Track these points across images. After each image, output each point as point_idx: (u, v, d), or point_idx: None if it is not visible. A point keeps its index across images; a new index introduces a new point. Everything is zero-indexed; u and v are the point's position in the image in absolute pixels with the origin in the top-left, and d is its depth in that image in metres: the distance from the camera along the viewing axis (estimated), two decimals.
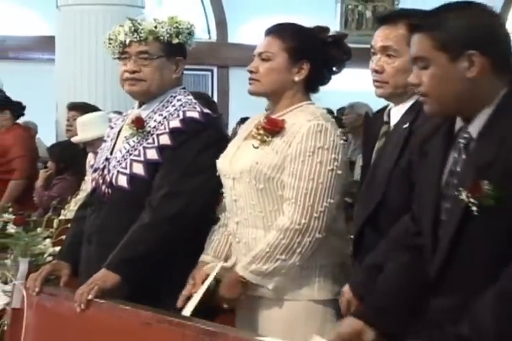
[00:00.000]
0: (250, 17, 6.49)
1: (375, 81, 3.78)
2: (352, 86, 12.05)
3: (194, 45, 4.36)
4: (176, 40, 4.24)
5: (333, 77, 3.87)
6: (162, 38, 4.23)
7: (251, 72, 3.90)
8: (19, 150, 8.21)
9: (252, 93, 4.00)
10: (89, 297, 3.92)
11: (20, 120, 8.79)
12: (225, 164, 3.92)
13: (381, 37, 3.73)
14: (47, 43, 10.24)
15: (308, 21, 4.10)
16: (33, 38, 12.17)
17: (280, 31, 3.91)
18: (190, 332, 3.51)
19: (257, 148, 3.82)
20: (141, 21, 4.28)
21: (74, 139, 7.10)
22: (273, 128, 3.78)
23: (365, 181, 3.95)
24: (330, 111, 11.24)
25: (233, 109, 11.40)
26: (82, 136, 6.84)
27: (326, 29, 3.96)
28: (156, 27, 4.24)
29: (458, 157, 3.03)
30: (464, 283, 2.97)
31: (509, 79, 2.98)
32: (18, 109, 8.37)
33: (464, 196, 2.88)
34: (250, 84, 3.97)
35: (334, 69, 3.97)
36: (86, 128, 6.80)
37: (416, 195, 3.27)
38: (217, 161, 3.95)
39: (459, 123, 3.06)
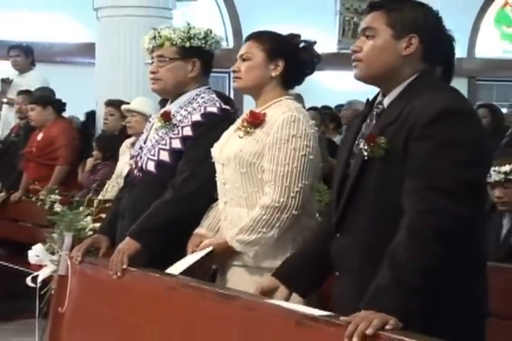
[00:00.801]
0: (262, 28, 6.47)
1: None
2: (349, 86, 12.01)
3: (216, 48, 4.36)
4: (188, 44, 4.24)
5: (336, 80, 3.84)
6: (175, 42, 4.24)
7: (234, 71, 3.92)
8: (63, 140, 8.20)
9: (236, 89, 4.05)
10: (124, 266, 3.97)
11: (65, 115, 8.77)
12: (217, 152, 3.94)
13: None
14: (88, 49, 10.22)
15: (311, 30, 4.15)
16: (76, 44, 12.17)
17: (258, 36, 3.94)
18: (209, 295, 3.53)
19: (241, 138, 3.83)
20: (160, 30, 4.32)
21: (124, 107, 7.06)
22: (254, 121, 3.80)
23: None
24: (327, 108, 11.24)
25: (246, 106, 11.39)
26: (132, 105, 6.82)
27: (298, 35, 3.96)
28: (170, 33, 4.27)
29: (369, 122, 3.15)
30: (356, 225, 3.08)
31: (424, 68, 3.10)
32: (58, 105, 8.39)
33: (361, 145, 3.02)
34: (234, 81, 4.00)
35: (307, 71, 3.96)
36: (138, 103, 6.78)
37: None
38: (212, 149, 3.97)
39: (378, 99, 3.18)
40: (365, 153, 3.00)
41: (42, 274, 4.55)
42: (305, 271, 3.35)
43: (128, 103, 7.33)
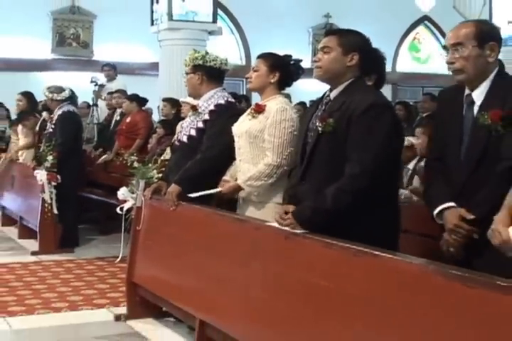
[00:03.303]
0: (263, 51, 6.39)
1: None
2: (317, 89, 11.94)
3: (215, 63, 4.23)
4: (192, 63, 4.22)
5: (309, 84, 3.75)
6: (187, 63, 4.25)
7: (247, 78, 3.86)
8: (142, 123, 8.14)
9: (248, 89, 4.01)
10: (176, 203, 3.98)
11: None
12: (235, 128, 3.89)
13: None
14: (154, 66, 10.16)
15: (295, 53, 4.04)
16: (146, 63, 12.05)
17: (264, 55, 3.87)
18: (230, 220, 3.53)
19: (250, 120, 3.79)
20: (189, 55, 4.29)
21: (181, 99, 6.94)
22: (258, 109, 3.76)
23: None
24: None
25: (254, 100, 11.46)
26: (185, 99, 6.73)
27: (290, 55, 3.89)
28: (187, 58, 4.27)
29: (321, 108, 3.10)
30: (314, 178, 3.03)
31: (358, 75, 3.05)
32: (141, 101, 8.35)
33: (317, 123, 2.99)
34: (247, 84, 3.98)
35: (294, 78, 3.88)
36: (188, 98, 6.65)
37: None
38: (233, 127, 3.92)
39: (327, 94, 3.13)
40: (320, 129, 2.98)
41: (126, 206, 4.54)
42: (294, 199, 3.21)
43: (177, 99, 7.25)
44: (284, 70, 3.80)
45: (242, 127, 3.83)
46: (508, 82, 2.74)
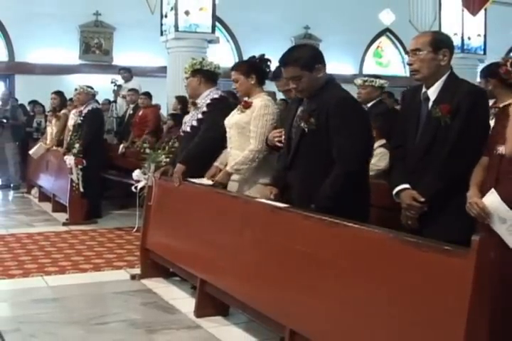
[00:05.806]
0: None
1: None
2: None
3: (210, 68, 4.17)
4: (191, 69, 4.16)
5: None
6: (188, 69, 4.18)
7: (235, 88, 3.82)
8: (151, 116, 8.10)
9: (240, 97, 3.98)
10: (180, 180, 3.92)
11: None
12: (227, 121, 3.81)
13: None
14: (163, 69, 10.00)
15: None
16: (157, 66, 11.86)
17: (235, 67, 3.80)
18: (225, 195, 3.48)
19: (239, 114, 3.72)
20: (189, 62, 4.23)
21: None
22: (246, 105, 3.69)
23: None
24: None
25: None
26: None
27: (254, 56, 3.81)
28: (187, 65, 4.21)
29: (302, 108, 3.01)
30: (300, 166, 2.97)
31: (327, 78, 2.97)
32: (150, 96, 8.29)
33: (301, 123, 2.92)
34: (236, 92, 3.95)
35: (267, 71, 3.78)
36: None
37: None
38: (225, 120, 3.83)
39: None
40: (305, 128, 2.90)
41: (139, 185, 4.48)
42: (281, 183, 3.16)
43: (185, 97, 7.16)
44: (256, 70, 3.73)
45: (233, 120, 3.77)
46: (457, 82, 2.74)
